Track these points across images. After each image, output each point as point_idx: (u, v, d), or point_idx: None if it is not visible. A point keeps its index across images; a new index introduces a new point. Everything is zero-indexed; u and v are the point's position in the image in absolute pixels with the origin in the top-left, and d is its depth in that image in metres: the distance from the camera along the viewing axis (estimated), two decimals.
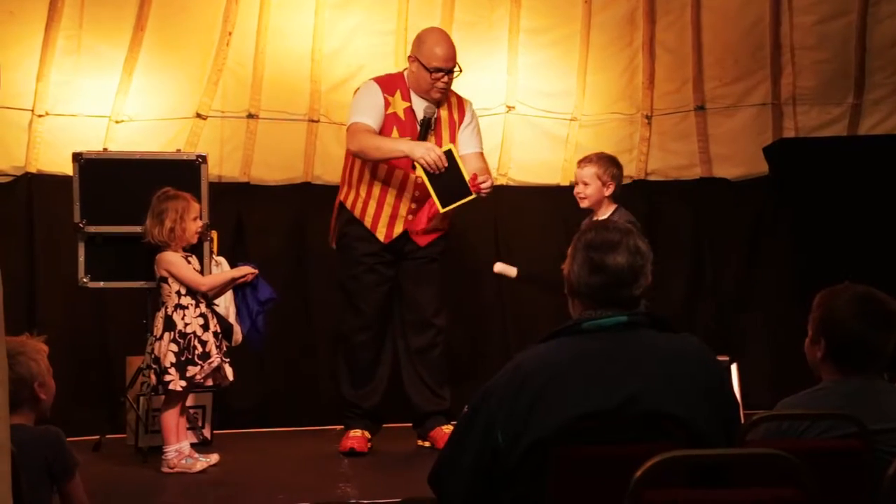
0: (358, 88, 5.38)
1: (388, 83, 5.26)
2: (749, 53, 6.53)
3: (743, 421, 2.72)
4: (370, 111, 5.16)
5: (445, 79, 5.15)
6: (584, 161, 5.10)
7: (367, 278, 5.26)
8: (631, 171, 6.63)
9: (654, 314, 2.64)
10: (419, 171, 5.00)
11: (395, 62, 6.09)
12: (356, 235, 5.27)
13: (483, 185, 5.02)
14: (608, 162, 5.07)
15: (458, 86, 5.49)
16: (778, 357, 6.20)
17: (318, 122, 6.29)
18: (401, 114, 5.19)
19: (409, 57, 5.28)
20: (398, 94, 5.22)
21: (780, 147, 6.30)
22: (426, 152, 4.93)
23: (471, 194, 5.01)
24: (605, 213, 4.94)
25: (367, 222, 5.22)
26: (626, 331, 2.58)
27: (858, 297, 2.90)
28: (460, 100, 5.40)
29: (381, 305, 5.30)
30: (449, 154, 4.96)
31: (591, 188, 4.99)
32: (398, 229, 5.22)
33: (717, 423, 2.51)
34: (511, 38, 6.47)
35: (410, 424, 5.52)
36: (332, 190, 5.72)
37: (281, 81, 6.28)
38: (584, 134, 6.56)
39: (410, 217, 5.22)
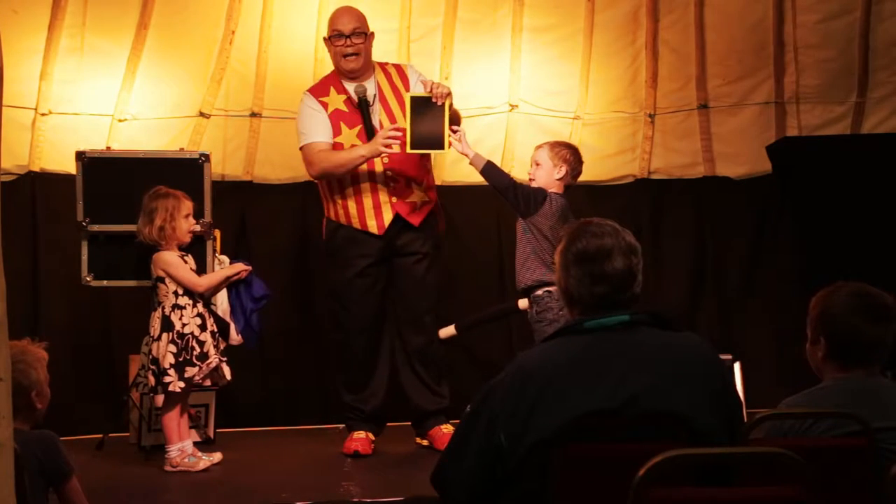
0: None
1: (320, 86, 5.25)
2: (752, 52, 6.53)
3: (746, 420, 2.72)
4: (314, 126, 5.12)
5: (349, 42, 5.08)
6: (539, 145, 5.04)
7: (359, 283, 5.20)
8: (634, 169, 6.64)
9: (657, 313, 2.63)
10: (407, 108, 4.90)
11: (397, 60, 6.09)
12: (345, 238, 5.20)
13: (454, 140, 4.92)
14: (561, 145, 5.02)
15: (462, 83, 5.48)
16: (781, 356, 6.19)
17: None
18: (342, 107, 5.14)
19: (324, 39, 5.26)
20: (332, 91, 5.17)
21: (784, 145, 6.28)
22: (383, 140, 4.88)
23: (443, 148, 4.94)
24: None
25: (355, 223, 5.15)
26: (629, 330, 2.57)
27: (854, 293, 2.93)
28: (398, 67, 5.32)
29: (376, 307, 5.26)
30: (441, 105, 4.86)
31: (541, 169, 4.91)
32: (388, 216, 5.13)
33: (719, 421, 2.50)
34: (514, 37, 6.46)
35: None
36: None
37: (284, 80, 6.28)
38: (588, 132, 6.56)
39: (395, 199, 5.14)
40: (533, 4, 6.45)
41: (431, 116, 4.90)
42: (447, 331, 5.28)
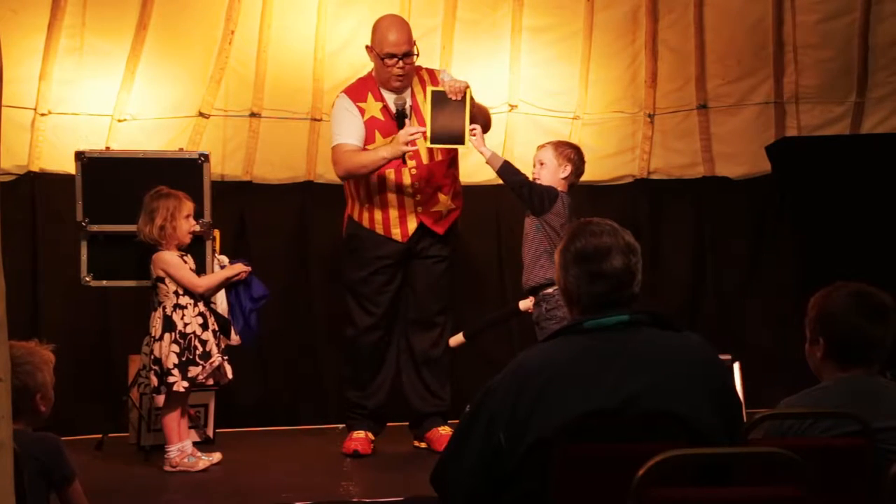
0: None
1: (358, 90, 5.21)
2: (752, 52, 6.52)
3: (745, 419, 2.72)
4: (348, 128, 5.12)
5: (401, 64, 5.06)
6: (542, 145, 5.11)
7: (376, 280, 5.22)
8: (633, 169, 6.64)
9: (656, 313, 2.63)
10: (427, 101, 4.94)
11: None
12: (366, 237, 5.22)
13: (473, 139, 4.98)
14: (564, 145, 5.11)
15: None
16: (780, 356, 6.18)
17: (320, 120, 6.28)
18: (378, 115, 5.14)
19: (366, 47, 5.23)
20: (370, 97, 5.16)
21: (783, 146, 6.28)
22: (404, 140, 4.89)
23: (463, 144, 4.97)
24: None
25: (379, 229, 5.18)
26: (628, 330, 2.57)
27: (852, 293, 2.93)
28: (431, 73, 5.30)
29: (389, 306, 5.27)
30: (462, 100, 4.90)
31: (545, 169, 4.97)
32: (412, 225, 5.17)
33: (719, 421, 2.50)
34: (514, 37, 6.46)
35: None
36: (335, 189, 5.72)
37: (283, 80, 6.28)
38: (587, 132, 6.56)
39: (420, 209, 5.18)
40: (532, 5, 6.45)
41: (452, 111, 4.92)
42: (456, 339, 5.27)
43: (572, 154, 5.02)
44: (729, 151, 6.63)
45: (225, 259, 5.30)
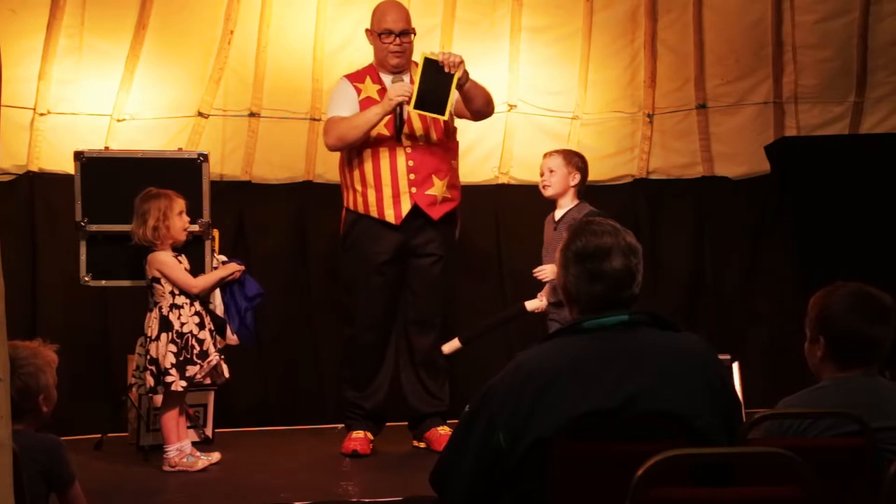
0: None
1: (357, 74, 5.30)
2: (751, 52, 6.53)
3: (744, 419, 2.71)
4: (342, 103, 5.18)
5: (398, 41, 5.14)
6: (549, 153, 5.21)
7: (374, 280, 5.21)
8: (632, 169, 6.64)
9: (656, 313, 2.62)
10: (420, 66, 4.98)
11: None
12: (363, 235, 5.22)
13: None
14: (573, 154, 5.22)
15: None
16: (779, 356, 6.19)
17: (319, 120, 6.28)
18: (375, 96, 5.17)
19: (366, 31, 5.29)
20: (368, 80, 5.23)
21: (782, 145, 6.29)
22: (396, 92, 4.97)
23: (443, 115, 4.99)
24: (567, 206, 5.05)
25: (373, 212, 5.16)
26: (628, 330, 2.57)
27: (853, 293, 2.93)
28: None
29: (387, 305, 5.27)
30: (450, 74, 4.92)
31: (556, 176, 5.07)
32: (406, 206, 5.14)
33: (718, 421, 2.50)
34: (513, 37, 6.46)
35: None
36: (334, 188, 5.72)
37: (282, 80, 6.28)
38: (586, 132, 6.56)
39: (414, 189, 5.15)
40: (531, 5, 6.45)
41: (440, 82, 4.95)
42: (451, 345, 5.20)
43: (580, 163, 5.13)
44: (728, 151, 6.63)
45: (223, 259, 5.29)
